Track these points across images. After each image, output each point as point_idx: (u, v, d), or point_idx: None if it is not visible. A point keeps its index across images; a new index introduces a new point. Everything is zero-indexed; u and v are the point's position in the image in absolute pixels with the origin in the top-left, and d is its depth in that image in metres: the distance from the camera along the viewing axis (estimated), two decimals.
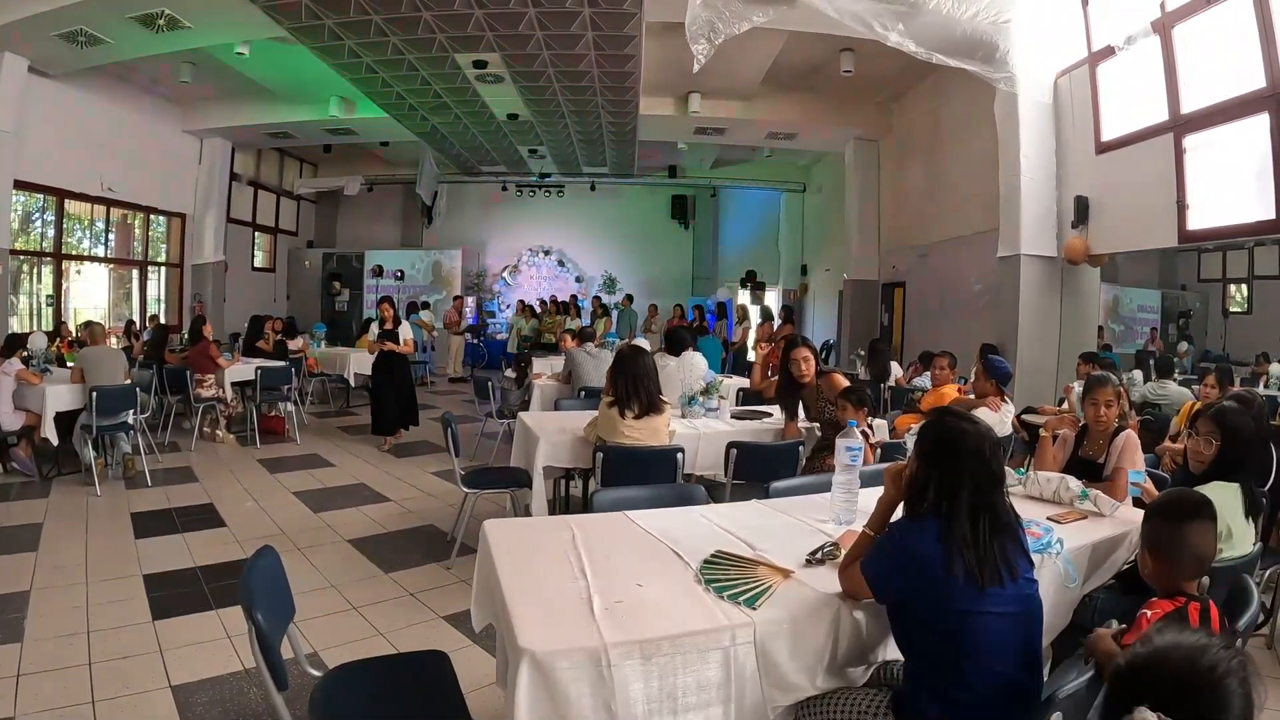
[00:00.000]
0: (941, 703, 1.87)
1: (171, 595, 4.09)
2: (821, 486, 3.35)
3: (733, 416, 5.42)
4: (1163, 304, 13.64)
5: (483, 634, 3.63)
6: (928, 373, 8.69)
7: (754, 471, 4.46)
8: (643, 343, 8.78)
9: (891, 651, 2.14)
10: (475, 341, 16.45)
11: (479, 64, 9.85)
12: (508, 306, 18.89)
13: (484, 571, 2.47)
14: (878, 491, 2.28)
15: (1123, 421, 3.86)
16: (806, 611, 2.04)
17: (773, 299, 17.29)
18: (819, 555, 2.38)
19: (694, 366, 6.10)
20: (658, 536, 2.59)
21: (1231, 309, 13.18)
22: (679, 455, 4.17)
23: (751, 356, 13.39)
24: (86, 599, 4.00)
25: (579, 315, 15.77)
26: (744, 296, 17.29)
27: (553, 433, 4.55)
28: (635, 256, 19.41)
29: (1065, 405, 7.21)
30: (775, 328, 12.56)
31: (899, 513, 2.14)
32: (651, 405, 4.20)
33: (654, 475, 4.01)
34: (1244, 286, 12.92)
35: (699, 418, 5.24)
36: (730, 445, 4.49)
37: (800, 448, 4.55)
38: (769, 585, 2.14)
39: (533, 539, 2.57)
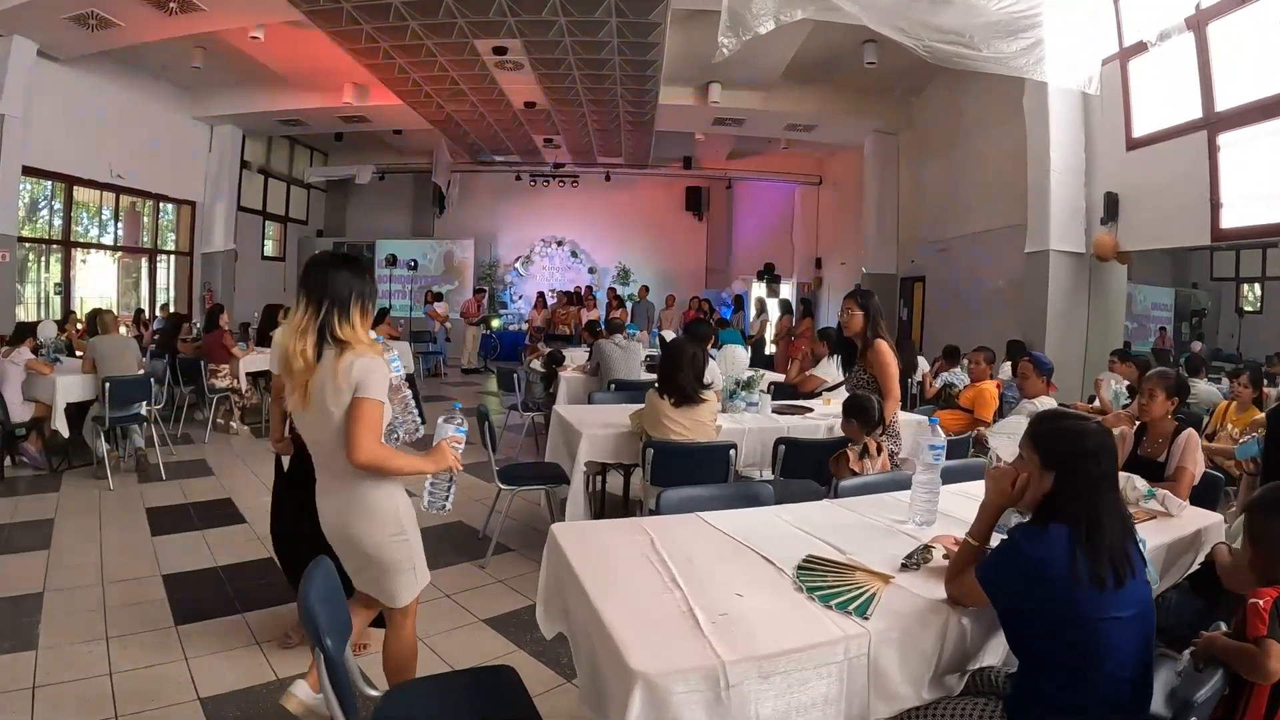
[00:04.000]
0: (1060, 710, 1.82)
1: (194, 598, 3.88)
2: (887, 485, 3.26)
3: (774, 411, 5.20)
4: (1176, 302, 13.44)
5: (528, 639, 3.47)
6: (954, 368, 8.50)
7: (801, 468, 4.30)
8: (666, 336, 8.61)
9: (986, 658, 2.08)
10: (488, 333, 16.24)
11: (499, 50, 9.63)
12: (520, 298, 18.73)
13: (556, 579, 2.32)
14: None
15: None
16: (917, 619, 1.95)
17: (786, 292, 17.11)
18: (914, 560, 2.26)
19: (735, 359, 5.90)
20: (739, 540, 2.43)
21: (1245, 308, 12.99)
22: (732, 451, 3.97)
23: (770, 349, 13.21)
24: (103, 601, 3.78)
25: (595, 307, 15.55)
26: (760, 289, 17.08)
27: (595, 427, 4.37)
28: (648, 248, 19.19)
29: (1096, 402, 7.08)
30: (794, 322, 12.38)
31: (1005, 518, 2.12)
32: (686, 396, 4.03)
33: (705, 471, 3.89)
34: (1256, 286, 12.75)
35: (740, 411, 5.04)
36: (779, 441, 4.30)
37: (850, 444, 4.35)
38: (873, 592, 2.03)
39: (607, 544, 2.39)
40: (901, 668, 1.87)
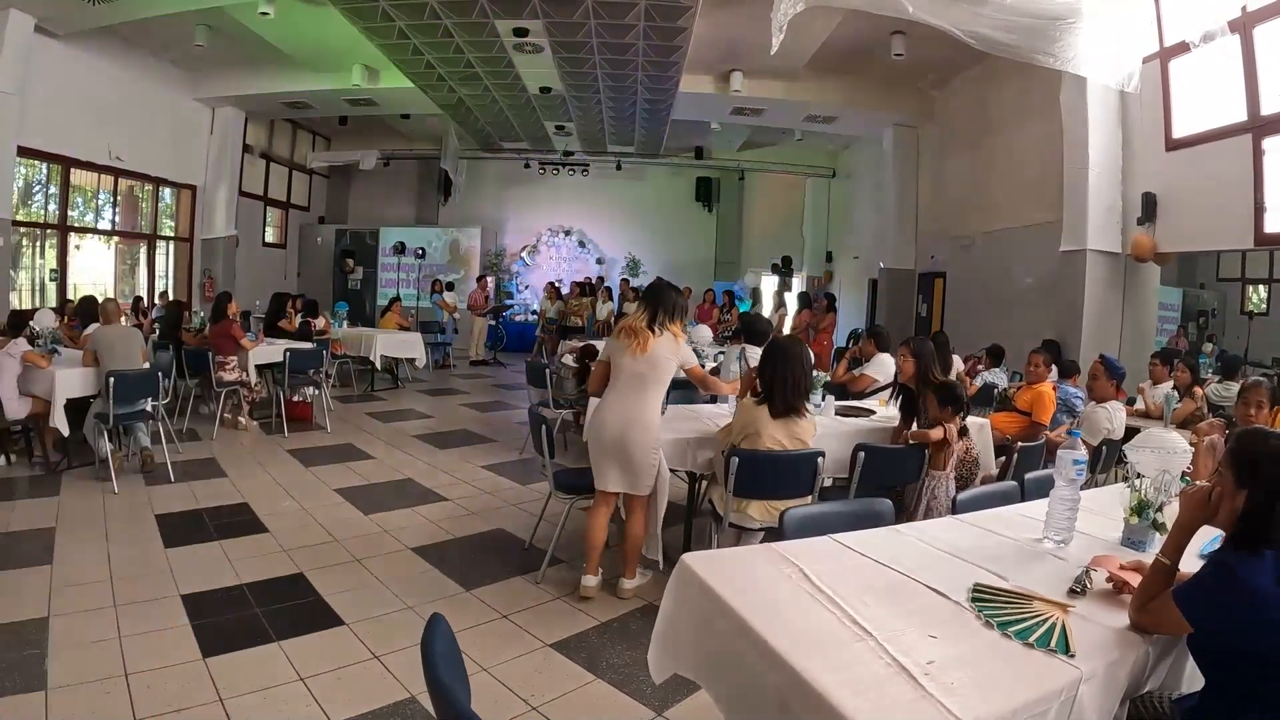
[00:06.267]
0: None
1: (221, 623, 3.49)
2: (997, 498, 3.10)
3: (837, 414, 4.84)
4: (1183, 302, 13.20)
5: (603, 666, 3.16)
6: (995, 369, 8.18)
7: (878, 476, 4.06)
8: (703, 330, 8.23)
9: (1149, 683, 1.95)
10: (494, 323, 15.85)
11: (519, 31, 9.19)
12: (526, 287, 18.36)
13: (693, 616, 2.10)
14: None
15: None
16: (1115, 652, 1.82)
17: (796, 286, 16.77)
18: (1079, 585, 2.10)
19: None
20: (891, 566, 2.24)
21: (1251, 310, 12.77)
22: (819, 459, 3.65)
23: None
24: (118, 628, 3.37)
25: (610, 298, 15.13)
26: (772, 283, 16.70)
27: (665, 433, 4.03)
28: (657, 239, 18.78)
29: (1139, 404, 6.87)
30: (812, 315, 12.01)
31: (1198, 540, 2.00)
32: (798, 405, 3.74)
33: (792, 482, 3.67)
34: (1261, 287, 12.49)
35: None
36: (858, 448, 3.98)
37: (926, 450, 4.04)
38: (1062, 624, 1.88)
39: (755, 577, 2.14)
40: (1099, 707, 1.73)
